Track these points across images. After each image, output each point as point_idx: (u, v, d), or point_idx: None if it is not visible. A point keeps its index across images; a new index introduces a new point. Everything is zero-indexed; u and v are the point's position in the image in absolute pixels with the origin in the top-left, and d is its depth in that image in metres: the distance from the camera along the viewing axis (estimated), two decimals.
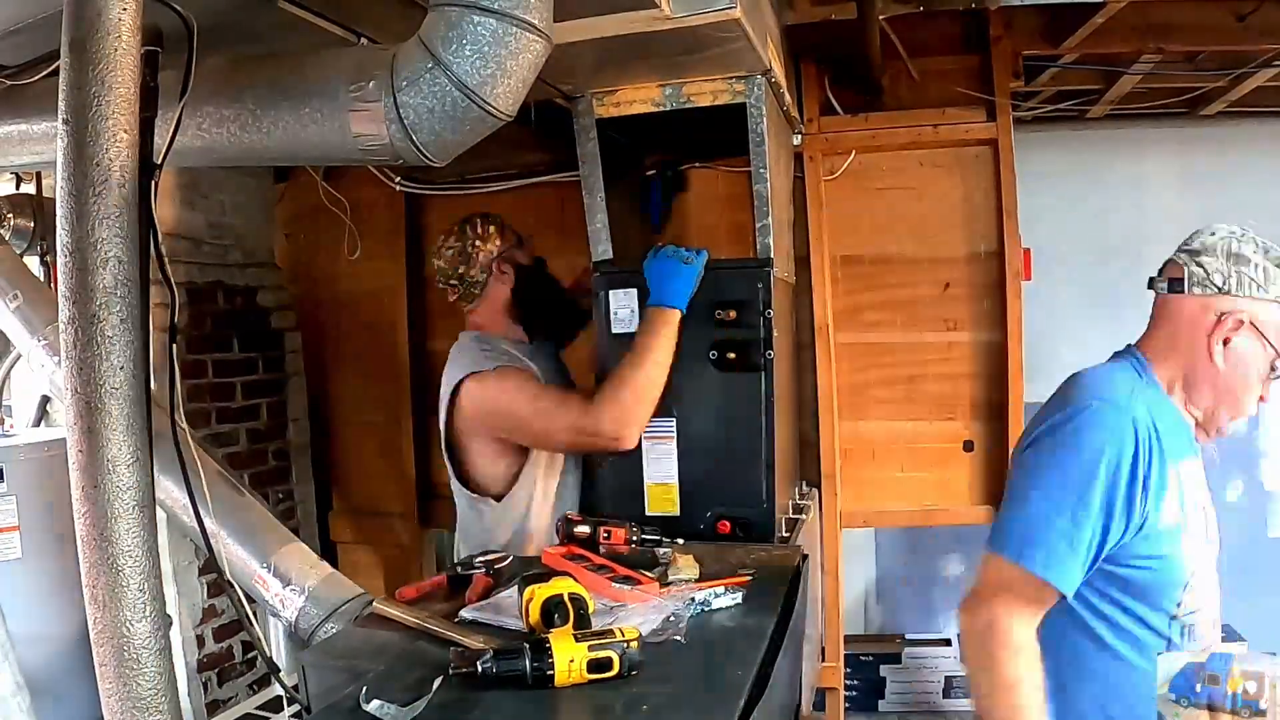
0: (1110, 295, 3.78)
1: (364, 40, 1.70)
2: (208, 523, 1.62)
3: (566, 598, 1.36)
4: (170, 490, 1.89)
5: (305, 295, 3.38)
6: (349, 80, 1.36)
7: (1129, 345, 1.63)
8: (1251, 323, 1.43)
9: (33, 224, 2.74)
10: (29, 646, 2.10)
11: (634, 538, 1.83)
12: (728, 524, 2.14)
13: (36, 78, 1.59)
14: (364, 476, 3.42)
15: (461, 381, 2.14)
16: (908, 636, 3.65)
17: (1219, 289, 1.44)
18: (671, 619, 1.49)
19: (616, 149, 2.27)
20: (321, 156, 1.61)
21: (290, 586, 1.99)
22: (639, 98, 2.10)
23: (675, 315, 2.05)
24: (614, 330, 2.21)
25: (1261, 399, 1.50)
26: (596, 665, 1.26)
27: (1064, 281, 3.68)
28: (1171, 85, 3.13)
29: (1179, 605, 1.45)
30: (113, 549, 0.91)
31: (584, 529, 1.87)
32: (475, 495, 2.27)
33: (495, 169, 3.12)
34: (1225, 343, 1.44)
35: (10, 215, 2.71)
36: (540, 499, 2.23)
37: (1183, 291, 1.48)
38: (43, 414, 2.81)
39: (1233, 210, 3.85)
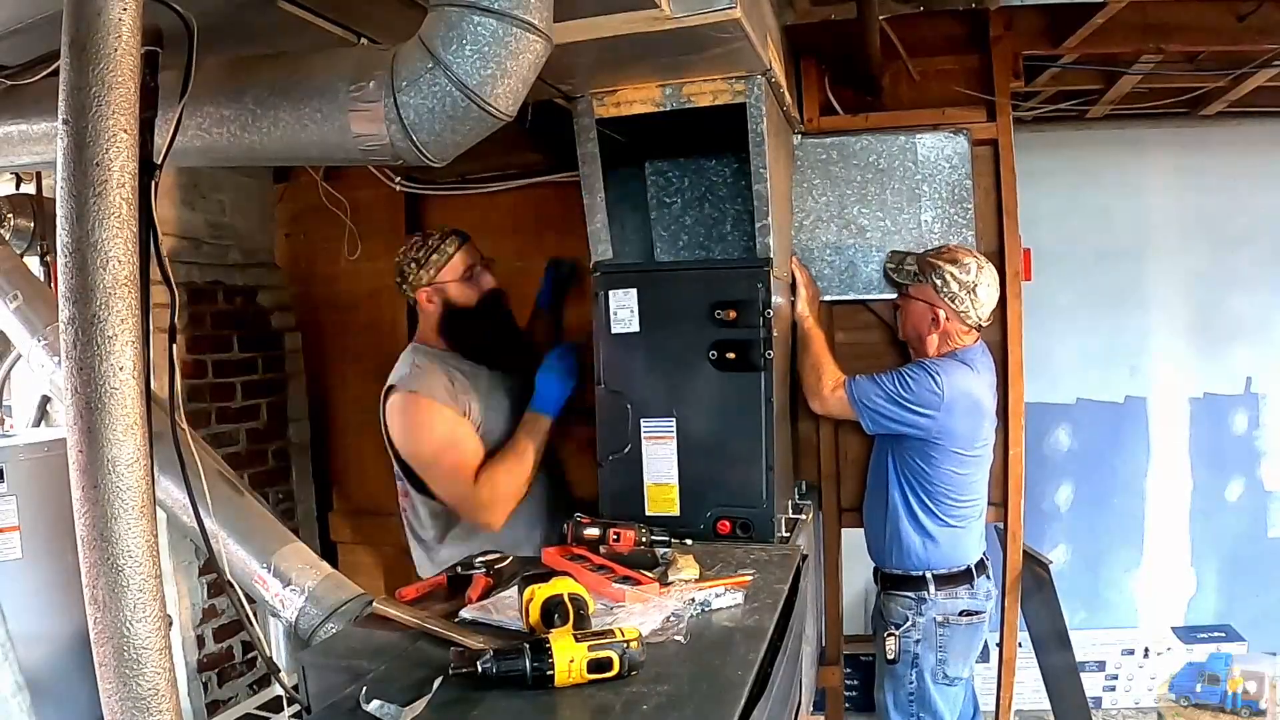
0: (1110, 295, 3.80)
1: (364, 40, 1.70)
2: (208, 523, 1.62)
3: (566, 598, 1.36)
4: (170, 490, 1.89)
5: (305, 295, 3.38)
6: (349, 80, 1.36)
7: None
8: None
9: (33, 224, 2.74)
10: (29, 646, 2.10)
11: (644, 539, 1.83)
12: (728, 524, 2.14)
13: (36, 78, 1.58)
14: (364, 476, 3.41)
15: (388, 391, 2.32)
16: None
17: None
18: (671, 619, 1.50)
19: (616, 149, 2.27)
20: (321, 156, 1.61)
21: (290, 586, 1.99)
22: (639, 98, 2.10)
23: (547, 420, 2.35)
24: (614, 330, 2.21)
25: None
26: (596, 665, 1.26)
27: (1064, 281, 3.69)
28: (1171, 85, 3.13)
29: None
30: (113, 549, 0.90)
31: (593, 531, 1.88)
32: (436, 501, 2.36)
33: (495, 169, 3.11)
34: None
35: (10, 215, 2.71)
36: None
37: None
38: (43, 414, 2.81)
39: (1233, 210, 3.88)
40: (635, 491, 2.19)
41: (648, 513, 2.17)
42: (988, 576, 2.60)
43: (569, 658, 1.25)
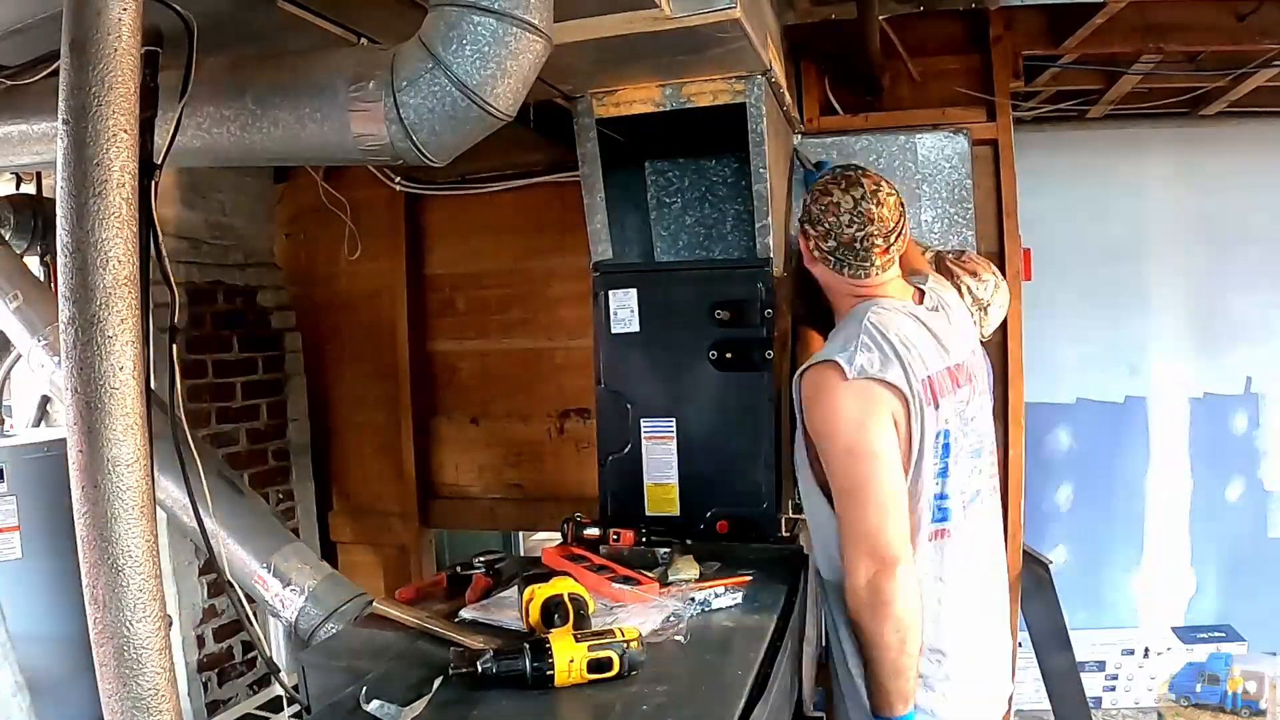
0: (1110, 295, 3.80)
1: (364, 40, 1.70)
2: (208, 523, 1.62)
3: (566, 598, 1.36)
4: (170, 490, 1.90)
5: (305, 295, 3.38)
6: (349, 80, 1.36)
7: None
8: None
9: (33, 224, 2.74)
10: (29, 646, 2.10)
11: (643, 539, 1.83)
12: (727, 524, 2.14)
13: (36, 78, 1.58)
14: (364, 476, 3.42)
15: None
16: None
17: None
18: (671, 619, 1.50)
19: (616, 149, 2.27)
20: (321, 156, 1.61)
21: (290, 586, 1.99)
22: (639, 98, 2.10)
23: None
24: (614, 330, 2.21)
25: None
26: (596, 665, 1.26)
27: (1064, 281, 3.68)
28: (1171, 85, 3.13)
29: None
30: (113, 549, 0.90)
31: (593, 531, 1.88)
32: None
33: (495, 169, 3.12)
34: None
35: (10, 215, 2.71)
36: None
37: None
38: (43, 414, 2.82)
39: (1233, 210, 3.88)
40: (635, 491, 2.19)
41: (648, 513, 2.17)
42: None
43: (569, 658, 1.25)
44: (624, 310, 2.19)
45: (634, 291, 2.19)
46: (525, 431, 3.26)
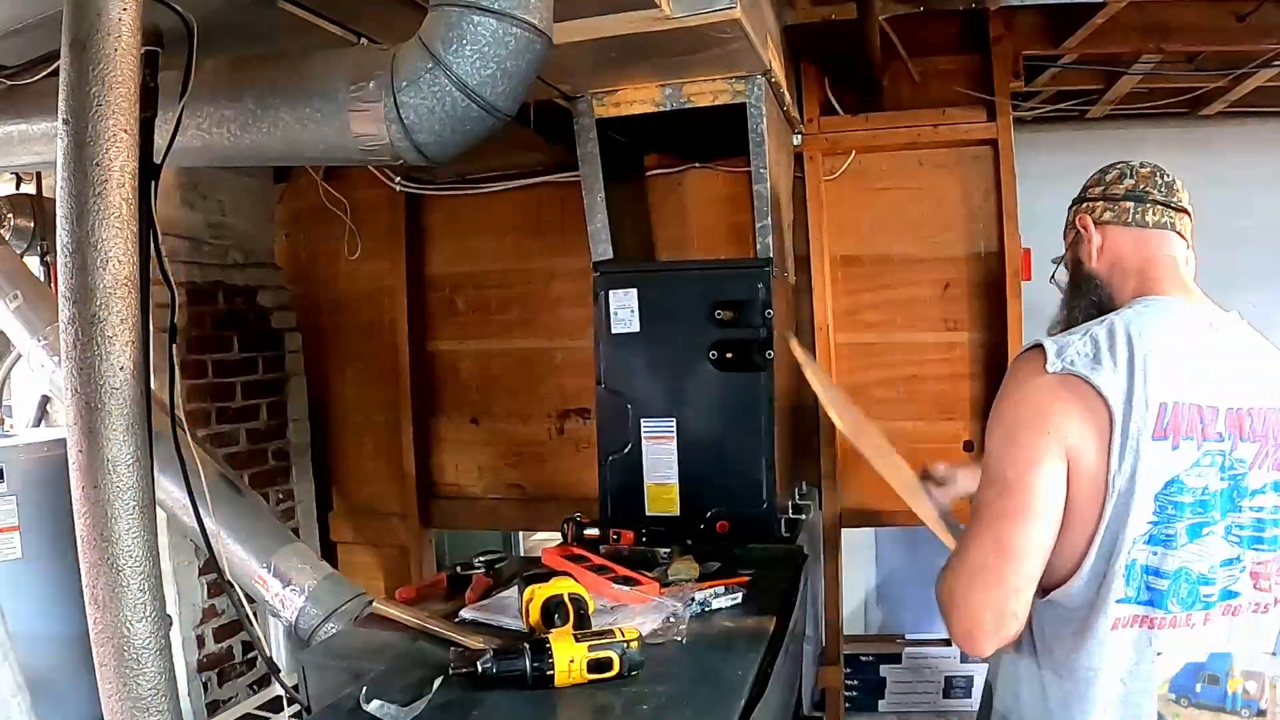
0: None
1: (364, 40, 1.70)
2: (208, 523, 1.62)
3: (566, 598, 1.36)
4: (170, 490, 1.89)
5: (305, 295, 3.38)
6: (349, 80, 1.36)
7: None
8: None
9: (33, 224, 2.74)
10: (29, 646, 2.10)
11: (643, 540, 1.84)
12: (727, 524, 2.14)
13: (36, 78, 1.59)
14: (364, 476, 3.42)
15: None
16: (908, 636, 3.65)
17: None
18: (671, 619, 1.50)
19: (616, 149, 2.27)
20: (321, 156, 1.62)
21: (290, 586, 1.99)
22: (639, 98, 2.10)
23: None
24: (614, 330, 2.21)
25: None
26: (596, 665, 1.26)
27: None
28: (1171, 85, 3.13)
29: None
30: (113, 549, 0.91)
31: (593, 531, 1.88)
32: None
33: (495, 169, 3.12)
34: None
35: (10, 215, 2.71)
36: None
37: None
38: (43, 414, 2.82)
39: (1233, 210, 3.87)
40: (635, 491, 2.19)
41: (648, 513, 2.17)
42: None
43: (569, 658, 1.25)
44: (624, 310, 2.19)
45: (634, 291, 2.19)
46: (525, 431, 3.26)
